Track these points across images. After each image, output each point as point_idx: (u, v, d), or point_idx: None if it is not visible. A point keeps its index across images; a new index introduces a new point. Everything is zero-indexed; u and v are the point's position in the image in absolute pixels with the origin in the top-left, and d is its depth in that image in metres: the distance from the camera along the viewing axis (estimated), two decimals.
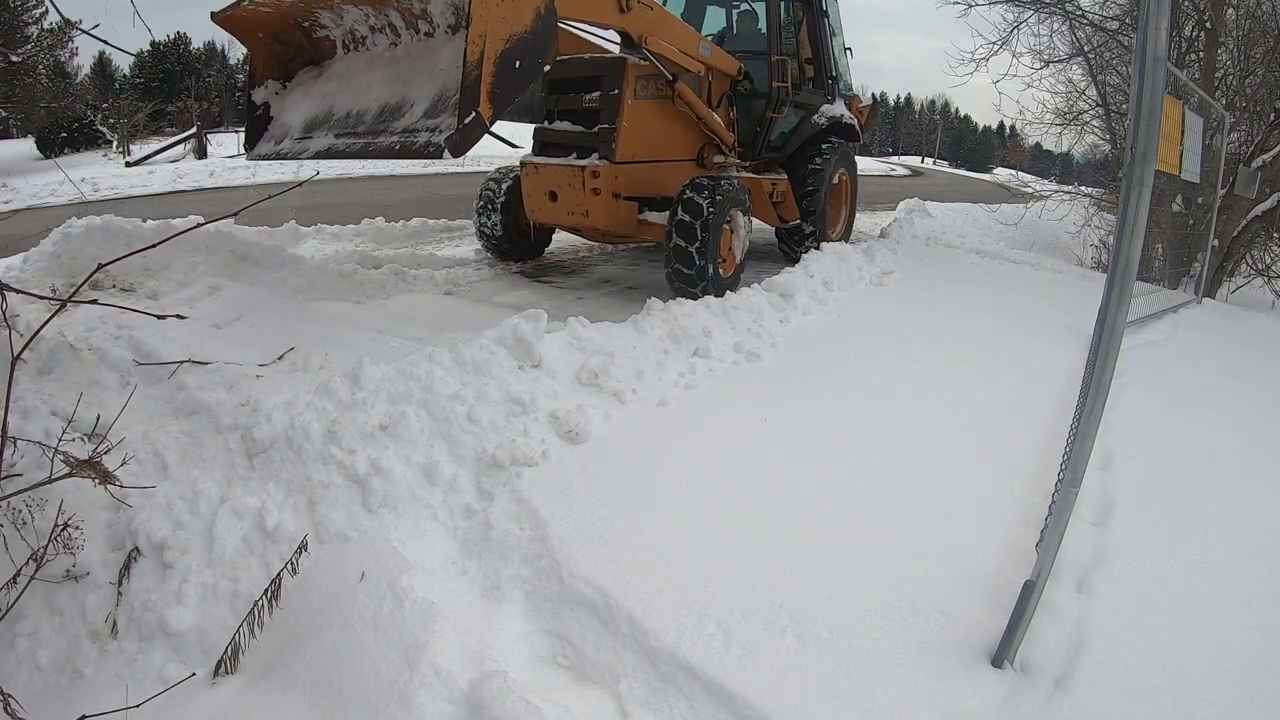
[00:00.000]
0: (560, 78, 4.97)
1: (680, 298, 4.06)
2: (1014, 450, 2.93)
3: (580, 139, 4.79)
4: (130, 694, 1.88)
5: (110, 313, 3.13)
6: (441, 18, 3.76)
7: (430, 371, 2.72)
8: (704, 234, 4.45)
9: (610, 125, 4.67)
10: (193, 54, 36.25)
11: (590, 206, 4.73)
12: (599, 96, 4.74)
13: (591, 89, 4.79)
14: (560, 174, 4.79)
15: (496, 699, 1.70)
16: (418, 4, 3.77)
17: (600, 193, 4.68)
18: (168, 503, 2.28)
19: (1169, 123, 3.44)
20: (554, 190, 4.89)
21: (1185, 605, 2.11)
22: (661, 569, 2.09)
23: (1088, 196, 10.29)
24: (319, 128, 4.09)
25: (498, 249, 5.81)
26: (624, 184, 4.78)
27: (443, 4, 3.69)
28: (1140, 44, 1.69)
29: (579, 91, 4.86)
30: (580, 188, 4.70)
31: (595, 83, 4.78)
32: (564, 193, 4.83)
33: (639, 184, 4.88)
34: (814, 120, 6.04)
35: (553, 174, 4.85)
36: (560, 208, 4.91)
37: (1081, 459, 1.84)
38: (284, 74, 4.39)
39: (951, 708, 1.74)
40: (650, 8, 4.55)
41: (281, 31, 4.28)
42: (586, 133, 4.77)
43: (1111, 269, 1.79)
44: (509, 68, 3.34)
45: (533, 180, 5.03)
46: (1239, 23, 8.16)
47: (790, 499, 2.46)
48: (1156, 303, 5.48)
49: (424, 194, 11.27)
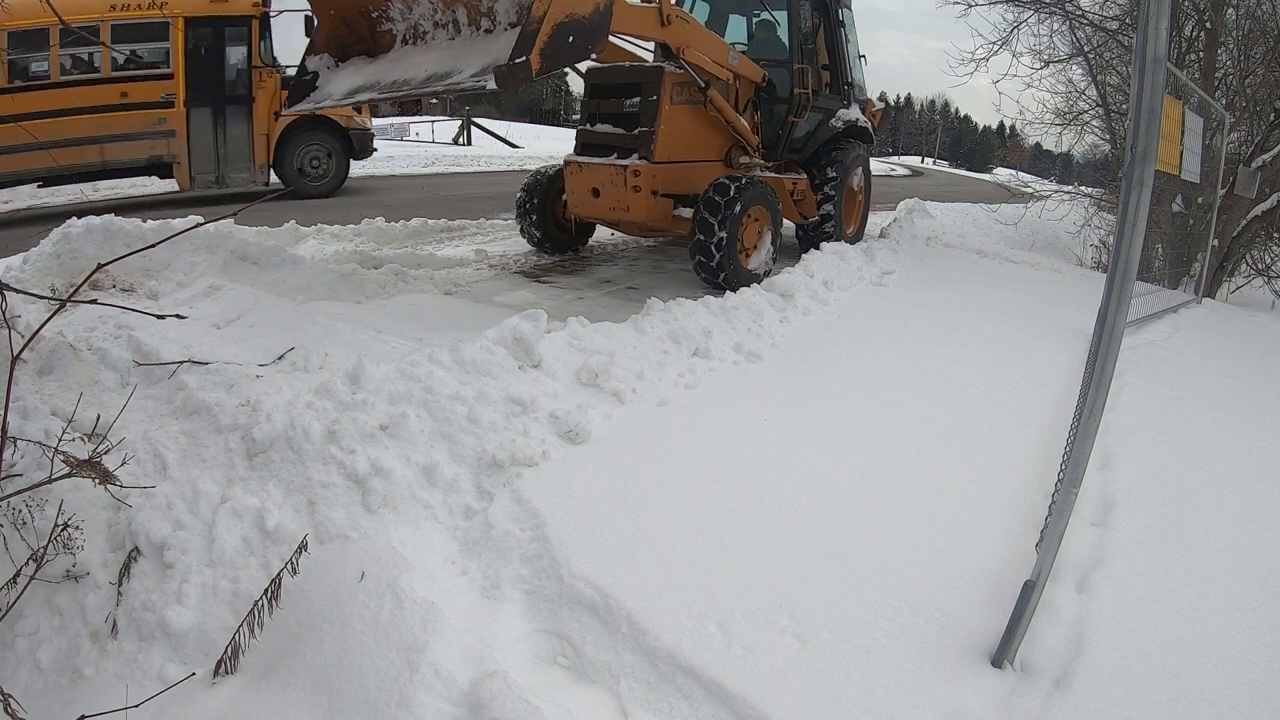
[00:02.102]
0: (601, 83, 5.40)
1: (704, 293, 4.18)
2: (1014, 450, 2.93)
3: (621, 140, 5.18)
4: (130, 694, 1.88)
5: (110, 313, 3.13)
6: (505, 16, 3.98)
7: (430, 371, 2.72)
8: (722, 230, 4.75)
9: (649, 128, 5.04)
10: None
11: (631, 203, 5.12)
12: (639, 102, 5.13)
13: (631, 95, 5.19)
14: (603, 173, 5.19)
15: (496, 699, 1.70)
16: (485, 2, 4.00)
17: (640, 190, 5.05)
18: (168, 503, 2.28)
19: (1169, 123, 3.44)
20: (597, 187, 5.28)
21: (1185, 605, 2.11)
22: (661, 569, 2.09)
23: (1088, 196, 10.28)
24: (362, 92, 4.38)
25: (538, 242, 6.22)
26: (661, 182, 5.14)
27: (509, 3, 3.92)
28: (1140, 44, 1.69)
29: (619, 97, 5.27)
30: (622, 185, 5.10)
31: (635, 89, 5.17)
32: (606, 190, 5.23)
33: (674, 182, 5.23)
34: (831, 124, 6.38)
35: (596, 173, 5.25)
36: (603, 204, 5.30)
37: (1081, 459, 1.84)
38: (340, 54, 4.64)
39: (951, 708, 1.74)
40: (687, 22, 4.91)
41: (350, 16, 4.52)
42: (627, 135, 5.14)
43: (1111, 269, 1.79)
44: (563, 38, 3.64)
45: (576, 178, 5.41)
46: (1239, 23, 8.15)
47: (790, 499, 2.46)
48: (1156, 303, 5.48)
49: (424, 194, 11.27)
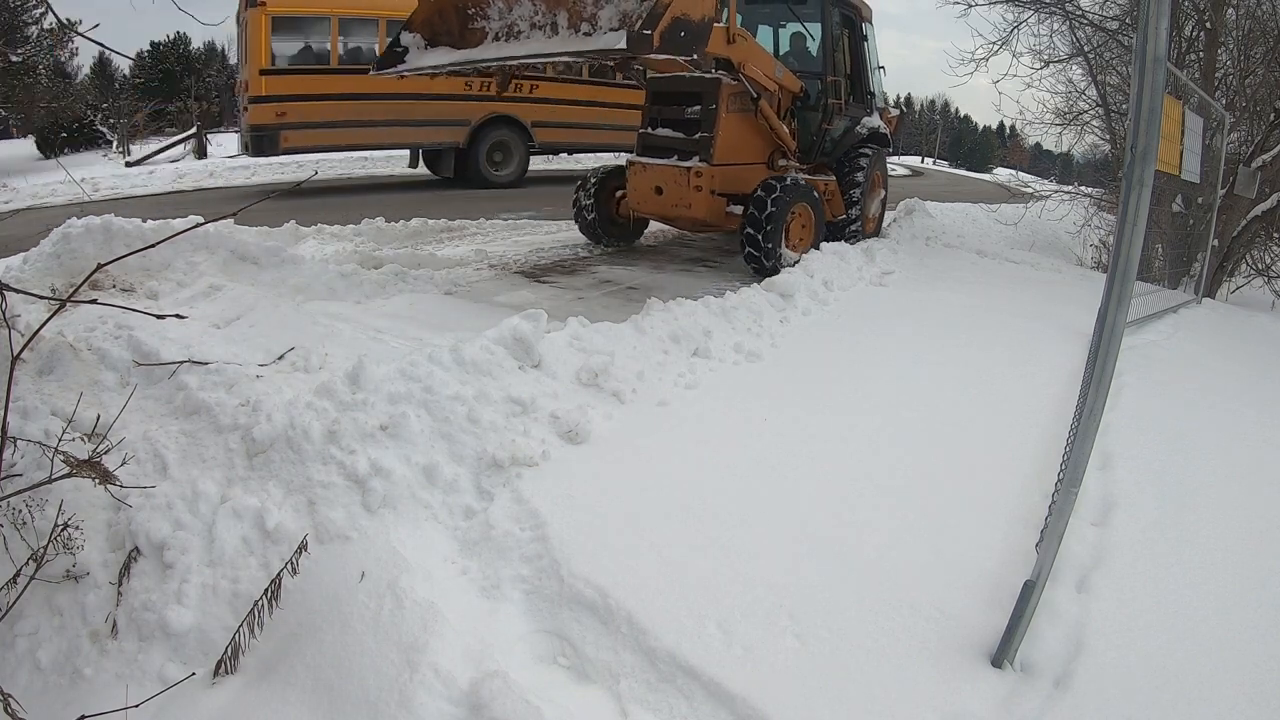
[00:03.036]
0: (663, 91, 6.01)
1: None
2: (1014, 450, 2.93)
3: (682, 144, 5.74)
4: (130, 694, 1.88)
5: (110, 313, 3.13)
6: (607, 22, 4.10)
7: (430, 371, 2.72)
8: (768, 225, 5.34)
9: (709, 134, 5.59)
10: (193, 54, 36.22)
11: (692, 201, 5.67)
12: (699, 110, 5.67)
13: (692, 103, 5.73)
14: (667, 173, 5.76)
15: (496, 699, 1.70)
16: (590, 8, 4.13)
17: (701, 189, 5.61)
18: (168, 503, 2.28)
19: (1169, 123, 3.44)
20: (660, 186, 5.82)
21: (1185, 605, 2.11)
22: (661, 569, 2.09)
23: (1088, 196, 10.28)
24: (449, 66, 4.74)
25: (594, 235, 6.68)
26: (718, 182, 5.66)
27: (612, 11, 4.08)
28: (1140, 44, 1.69)
29: (680, 104, 5.81)
30: (685, 185, 5.65)
31: (695, 98, 5.71)
32: (669, 188, 5.77)
33: (728, 182, 5.74)
34: (857, 130, 6.91)
35: (660, 173, 5.82)
36: (665, 201, 5.85)
37: (1081, 459, 1.84)
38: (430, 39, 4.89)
39: (951, 708, 1.74)
40: (746, 40, 5.44)
41: (445, 8, 4.78)
42: (688, 139, 5.71)
43: (1111, 269, 1.79)
44: (677, 30, 4.02)
45: (640, 177, 5.97)
46: (1239, 23, 8.15)
47: (790, 499, 2.46)
48: (1156, 303, 5.48)
49: (424, 194, 11.27)
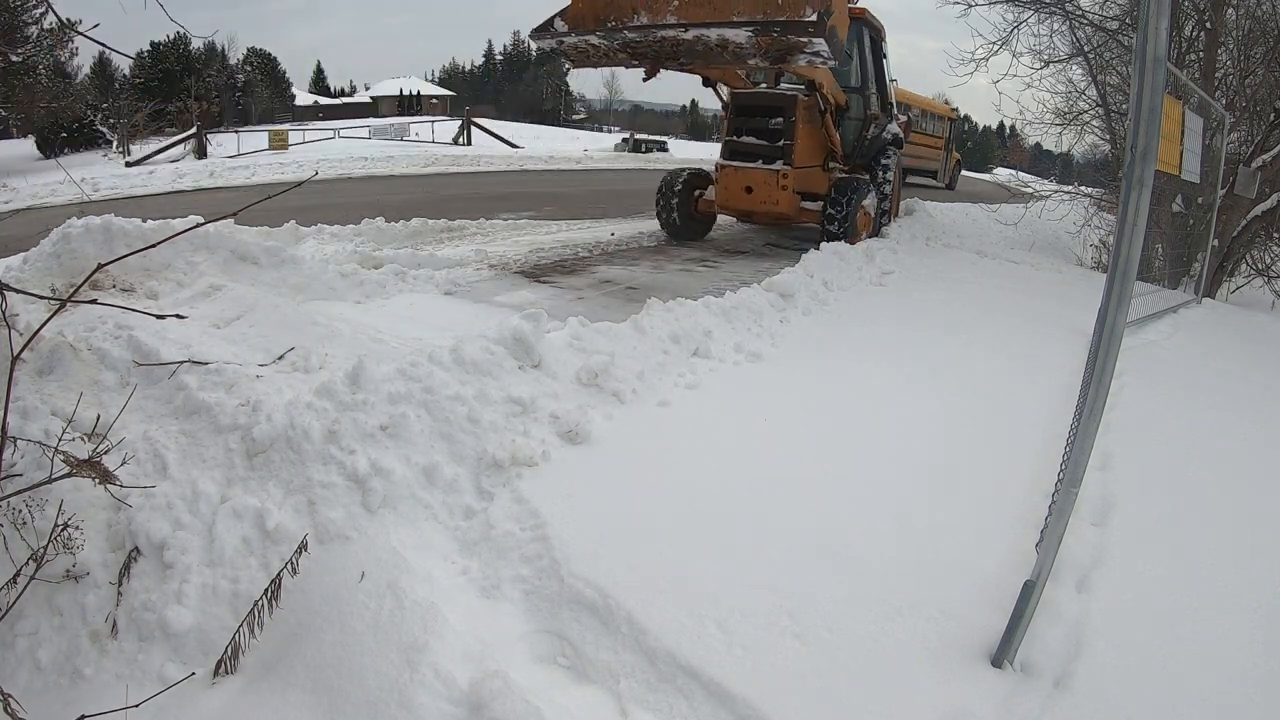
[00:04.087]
0: (747, 104, 7.11)
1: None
2: (1014, 450, 2.93)
3: (764, 150, 6.92)
4: (130, 694, 1.88)
5: (110, 313, 3.13)
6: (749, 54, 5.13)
7: (430, 371, 2.72)
8: (841, 215, 6.66)
9: (790, 142, 6.78)
10: (192, 54, 36.20)
11: (779, 198, 6.85)
12: (780, 121, 6.82)
13: (773, 115, 6.87)
14: (757, 175, 6.92)
15: (496, 699, 1.70)
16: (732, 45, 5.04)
17: (785, 189, 6.79)
18: (168, 503, 2.28)
19: (1169, 122, 3.44)
20: (750, 186, 6.95)
21: (1185, 605, 2.11)
22: (661, 569, 2.09)
23: (1088, 196, 10.27)
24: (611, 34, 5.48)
25: (674, 231, 7.72)
26: (796, 183, 6.84)
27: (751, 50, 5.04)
28: (1140, 44, 1.69)
29: (763, 116, 6.94)
30: (774, 185, 6.83)
31: (778, 111, 6.85)
32: (759, 188, 6.90)
33: (801, 182, 6.91)
34: (883, 136, 8.06)
35: (750, 174, 6.96)
36: (754, 198, 6.96)
37: (1081, 459, 1.84)
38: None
39: (951, 708, 1.74)
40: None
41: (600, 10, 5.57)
42: (771, 146, 6.87)
43: (1111, 269, 1.79)
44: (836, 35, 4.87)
45: (731, 178, 7.06)
46: (1239, 23, 8.15)
47: (790, 498, 2.46)
48: (1156, 303, 5.49)
49: (424, 194, 11.26)
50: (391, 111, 49.48)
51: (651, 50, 5.47)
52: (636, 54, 5.62)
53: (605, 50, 5.62)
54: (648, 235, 7.95)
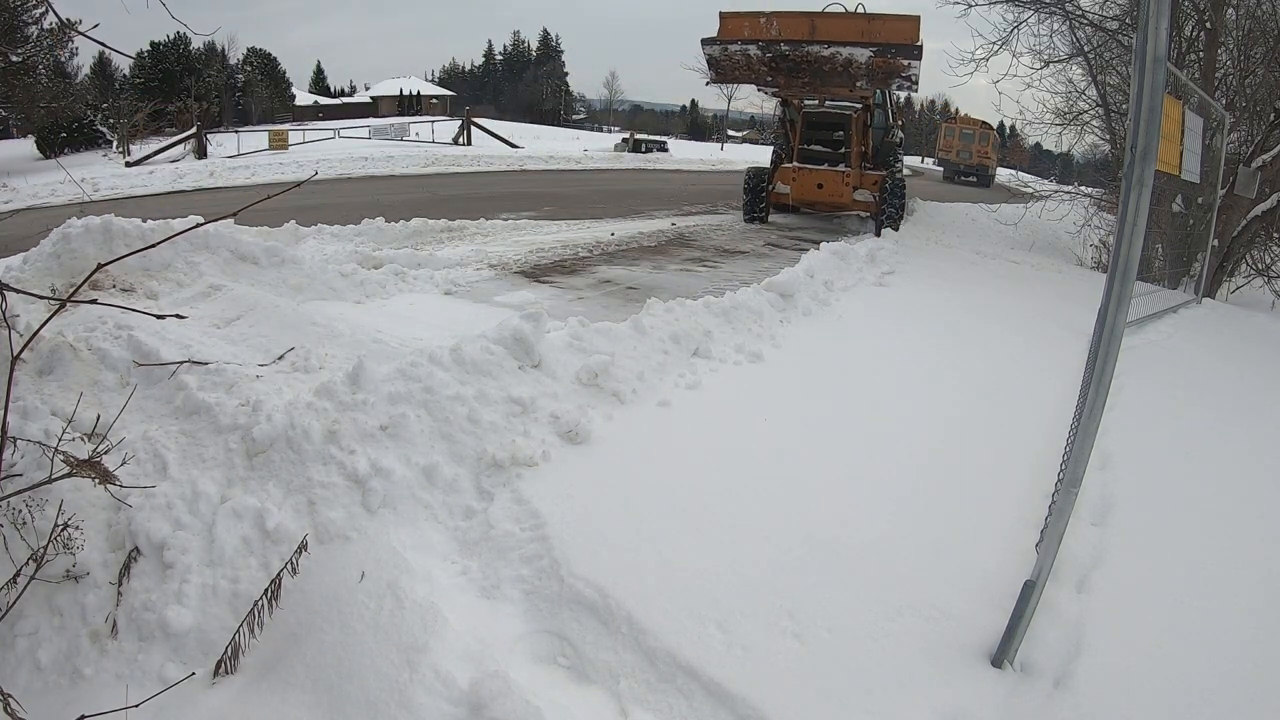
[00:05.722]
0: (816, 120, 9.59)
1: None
2: (1014, 450, 2.93)
3: (828, 156, 9.44)
4: (130, 694, 1.88)
5: (110, 313, 3.13)
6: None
7: (430, 372, 2.72)
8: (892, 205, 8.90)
9: (849, 149, 9.29)
10: (192, 54, 36.21)
11: (843, 192, 9.33)
12: (841, 133, 9.35)
13: (836, 128, 9.42)
14: (827, 175, 9.38)
15: (496, 699, 1.70)
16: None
17: (848, 185, 9.25)
18: (168, 503, 2.28)
19: (1169, 123, 3.43)
20: (821, 183, 9.38)
21: (1185, 605, 2.11)
22: (661, 569, 2.09)
23: (1088, 196, 10.28)
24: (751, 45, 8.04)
25: (752, 215, 9.98)
26: (854, 180, 9.24)
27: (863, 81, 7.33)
28: (1140, 44, 1.69)
29: (827, 129, 9.49)
30: (840, 182, 9.31)
31: (839, 124, 9.37)
32: (828, 185, 9.36)
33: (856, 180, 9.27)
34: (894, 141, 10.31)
35: (820, 174, 9.41)
36: (824, 192, 9.42)
37: (1081, 459, 1.84)
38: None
39: (951, 708, 1.74)
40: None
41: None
42: (835, 153, 9.39)
43: (1111, 269, 1.79)
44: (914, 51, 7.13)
45: (805, 177, 9.47)
46: (1239, 23, 8.16)
47: (790, 499, 2.46)
48: (1156, 303, 5.49)
49: (424, 194, 11.26)
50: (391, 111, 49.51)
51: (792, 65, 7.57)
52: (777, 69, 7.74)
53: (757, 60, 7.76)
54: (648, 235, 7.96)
